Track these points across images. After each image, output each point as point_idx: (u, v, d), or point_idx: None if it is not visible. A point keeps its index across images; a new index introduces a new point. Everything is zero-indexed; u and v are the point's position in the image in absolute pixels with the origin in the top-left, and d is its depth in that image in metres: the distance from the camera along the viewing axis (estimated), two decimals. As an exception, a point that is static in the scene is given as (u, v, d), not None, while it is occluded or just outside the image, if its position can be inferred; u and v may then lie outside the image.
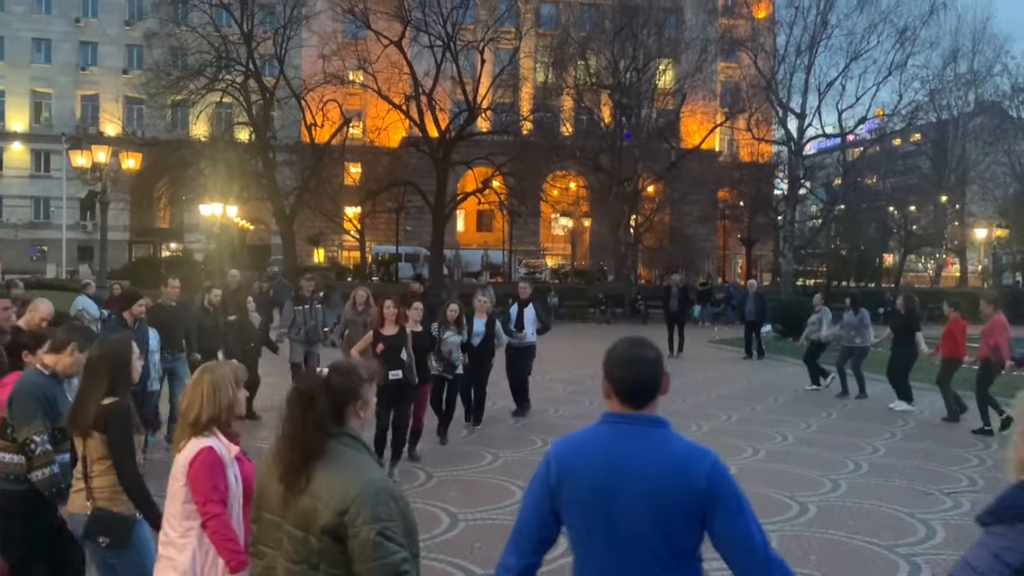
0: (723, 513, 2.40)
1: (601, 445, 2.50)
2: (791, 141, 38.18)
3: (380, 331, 8.79)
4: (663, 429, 2.51)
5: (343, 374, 2.70)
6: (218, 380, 3.43)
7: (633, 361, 2.54)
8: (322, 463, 2.54)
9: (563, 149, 41.16)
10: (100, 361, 3.93)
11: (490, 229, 56.23)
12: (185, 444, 3.39)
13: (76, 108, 55.72)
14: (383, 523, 2.44)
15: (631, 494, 2.40)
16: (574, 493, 2.48)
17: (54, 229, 51.68)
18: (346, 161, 45.02)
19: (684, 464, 2.43)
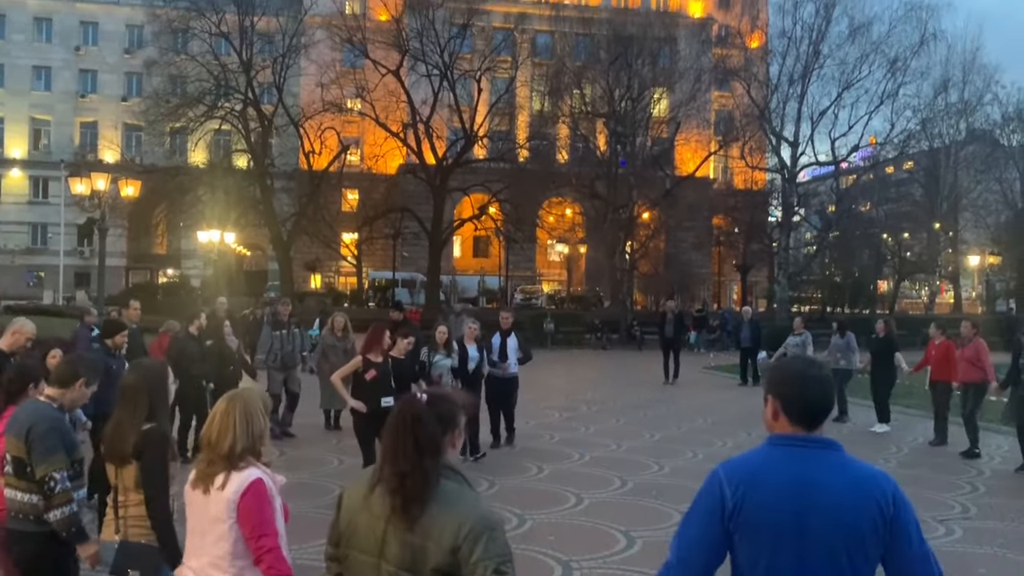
0: (907, 536, 2.34)
1: (784, 468, 2.38)
2: (785, 169, 38.56)
3: (369, 357, 8.59)
4: (840, 453, 2.43)
5: (446, 401, 2.57)
6: (251, 408, 3.20)
7: (810, 380, 2.45)
8: (435, 497, 2.40)
9: (559, 176, 41.55)
10: (139, 387, 3.79)
11: (486, 255, 56.42)
12: (224, 478, 3.11)
13: (75, 135, 56.06)
14: (500, 559, 2.35)
15: (824, 522, 2.31)
16: (758, 517, 2.35)
17: (51, 255, 51.79)
18: (344, 188, 45.33)
19: (872, 487, 2.36)
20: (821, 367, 2.54)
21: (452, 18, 41.09)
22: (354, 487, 2.58)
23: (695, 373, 22.71)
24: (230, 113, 39.59)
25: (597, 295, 48.99)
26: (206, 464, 3.15)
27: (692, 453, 11.54)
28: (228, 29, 38.61)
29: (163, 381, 3.92)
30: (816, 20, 37.25)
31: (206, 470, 3.14)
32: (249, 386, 3.51)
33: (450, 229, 42.84)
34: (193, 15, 38.06)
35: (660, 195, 40.54)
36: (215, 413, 3.22)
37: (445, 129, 43.05)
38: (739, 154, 40.98)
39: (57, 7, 56.45)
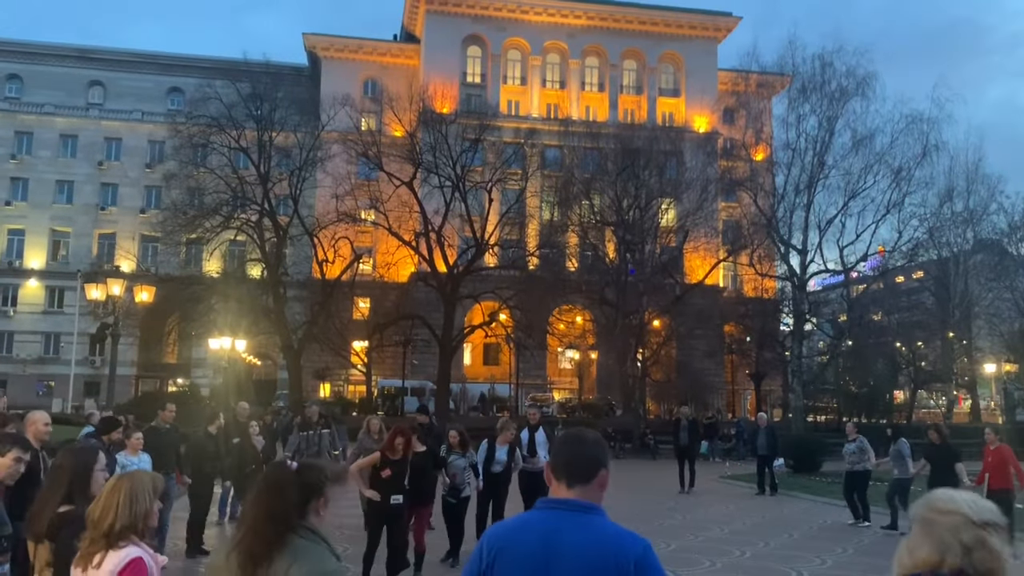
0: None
1: (535, 528, 2.55)
2: (794, 277, 38.66)
3: (388, 455, 8.91)
4: (597, 515, 2.56)
5: (313, 470, 2.81)
6: (136, 488, 3.28)
7: (572, 440, 2.68)
8: (282, 554, 2.62)
9: (569, 283, 41.79)
10: (62, 468, 3.91)
11: (497, 363, 56.17)
12: (102, 557, 3.18)
13: (93, 246, 57.16)
14: None
15: (563, 574, 2.45)
16: (507, 573, 2.52)
17: (62, 364, 51.86)
18: (355, 296, 45.66)
19: (616, 548, 2.48)
20: (587, 433, 2.73)
21: (464, 133, 42.37)
22: (217, 551, 2.86)
23: (711, 482, 22.13)
24: (246, 224, 40.36)
25: (609, 403, 48.41)
26: (88, 543, 3.24)
27: (710, 562, 11.09)
28: (247, 143, 39.85)
29: (87, 465, 3.91)
30: (819, 132, 38.12)
31: (88, 548, 3.22)
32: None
33: (460, 336, 42.82)
34: (214, 130, 39.36)
35: (670, 302, 40.65)
36: (102, 492, 3.33)
37: (456, 238, 43.71)
38: (748, 261, 41.23)
39: (83, 124, 58.65)
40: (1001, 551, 2.25)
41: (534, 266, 44.15)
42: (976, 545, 2.22)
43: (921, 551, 2.26)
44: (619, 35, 62.19)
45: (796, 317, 39.03)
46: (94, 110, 59.59)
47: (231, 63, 50.28)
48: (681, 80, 63.07)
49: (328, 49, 61.12)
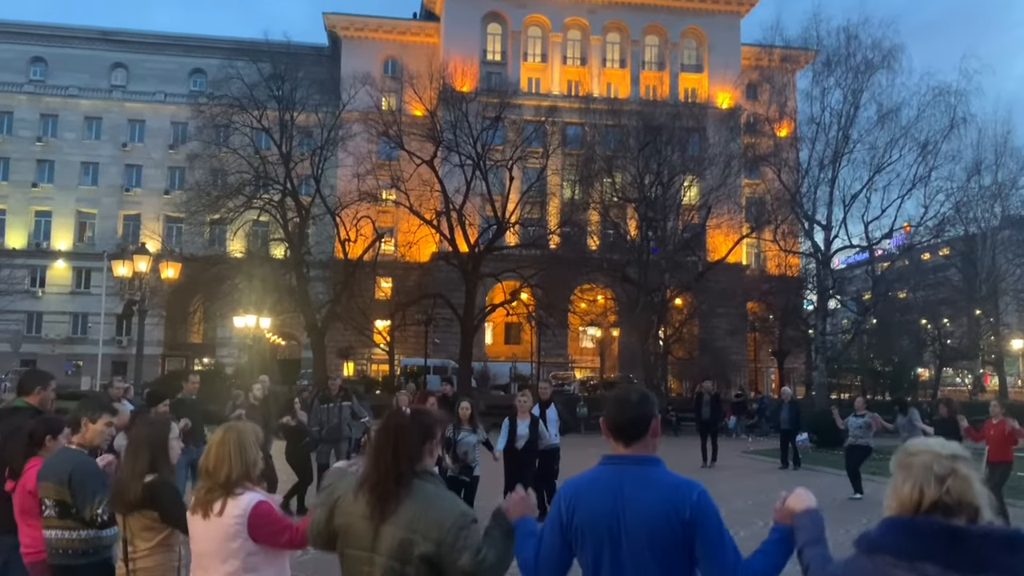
0: (703, 540, 2.72)
1: (603, 483, 2.84)
2: (818, 253, 38.30)
3: None
4: (656, 467, 2.85)
5: (425, 414, 3.02)
6: (244, 439, 3.49)
7: (620, 403, 2.93)
8: (411, 496, 2.77)
9: (590, 261, 41.66)
10: (141, 440, 4.06)
11: (518, 342, 56.31)
12: (222, 504, 3.37)
13: (119, 227, 57.78)
14: (478, 546, 2.73)
15: (631, 526, 2.73)
16: (583, 526, 2.81)
17: (90, 344, 52.61)
18: (377, 275, 45.86)
19: (674, 497, 2.76)
20: (634, 392, 2.98)
21: (484, 111, 42.23)
22: (347, 493, 2.92)
23: (734, 457, 22.11)
24: (269, 204, 40.59)
25: (630, 381, 48.39)
26: (205, 492, 3.44)
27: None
28: (269, 124, 39.98)
29: (163, 435, 4.08)
30: (844, 106, 37.59)
31: (204, 497, 3.42)
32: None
33: (482, 315, 42.92)
34: (235, 110, 39.50)
35: (692, 279, 40.41)
36: (211, 444, 3.52)
37: (477, 217, 43.71)
38: (772, 237, 40.87)
39: (107, 106, 59.11)
40: (972, 476, 2.49)
41: (555, 245, 44.07)
42: (948, 474, 2.45)
43: (903, 490, 2.50)
44: (641, 10, 61.55)
45: (820, 293, 38.67)
46: (117, 92, 60.01)
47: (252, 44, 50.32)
48: (704, 55, 62.38)
49: (348, 28, 61.04)
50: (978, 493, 2.47)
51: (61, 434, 4.69)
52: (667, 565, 2.73)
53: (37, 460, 4.61)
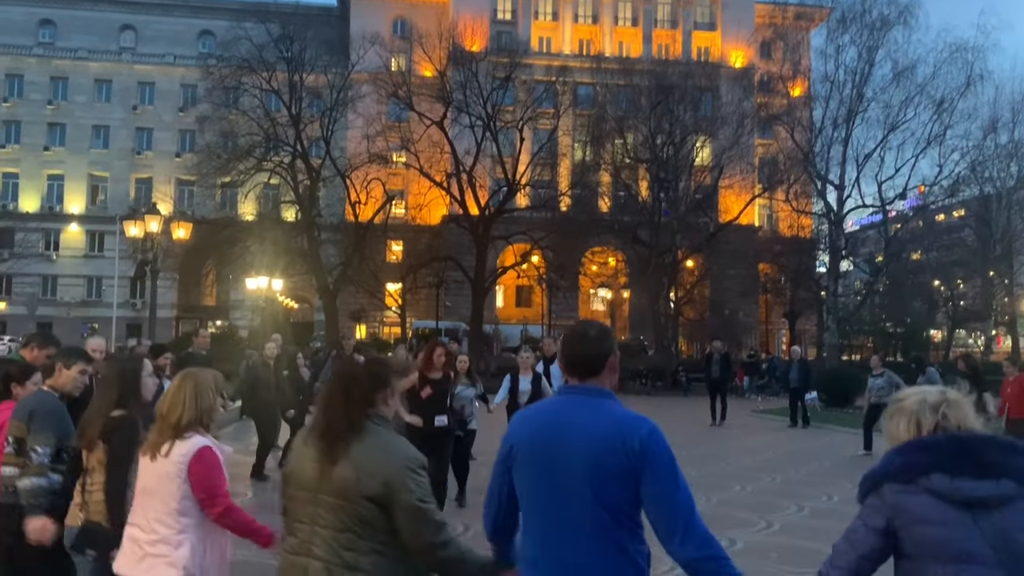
0: (652, 475, 2.50)
1: (548, 414, 2.72)
2: (831, 213, 38.05)
3: (427, 375, 8.45)
4: (608, 399, 2.67)
5: (379, 364, 3.01)
6: (200, 385, 3.54)
7: (577, 338, 2.77)
8: (361, 439, 2.77)
9: (601, 223, 41.54)
10: (111, 377, 4.07)
11: (529, 304, 56.40)
12: (170, 446, 3.44)
13: (131, 190, 57.92)
14: (421, 492, 2.73)
15: (572, 458, 2.55)
16: (521, 458, 2.69)
17: (104, 307, 53.09)
18: (388, 238, 45.92)
19: (622, 428, 2.57)
20: (591, 327, 2.84)
21: (494, 71, 41.86)
22: (298, 440, 2.97)
23: (743, 417, 22.21)
24: (279, 166, 40.58)
25: (641, 343, 48.49)
26: (157, 434, 3.51)
27: (740, 487, 11.23)
28: (278, 85, 39.81)
29: (135, 372, 4.05)
30: (859, 64, 37.04)
31: (156, 439, 3.49)
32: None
33: (493, 277, 42.99)
34: (245, 72, 39.34)
35: (703, 240, 40.25)
36: (169, 389, 3.59)
37: (488, 178, 43.54)
38: (784, 198, 40.60)
39: (117, 68, 58.92)
40: (965, 402, 2.52)
41: (566, 207, 43.92)
42: (941, 402, 2.48)
43: (899, 429, 2.51)
44: (653, -33, 60.57)
45: (832, 254, 38.45)
46: (127, 54, 59.78)
47: (261, 5, 50.00)
48: (717, 13, 61.42)
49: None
50: (975, 418, 2.47)
51: (29, 380, 4.74)
52: (606, 499, 2.51)
53: (8, 404, 4.68)
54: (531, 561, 2.64)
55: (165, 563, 3.39)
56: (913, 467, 2.37)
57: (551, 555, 2.58)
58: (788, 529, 8.72)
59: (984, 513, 2.30)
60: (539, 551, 2.61)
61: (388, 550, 2.72)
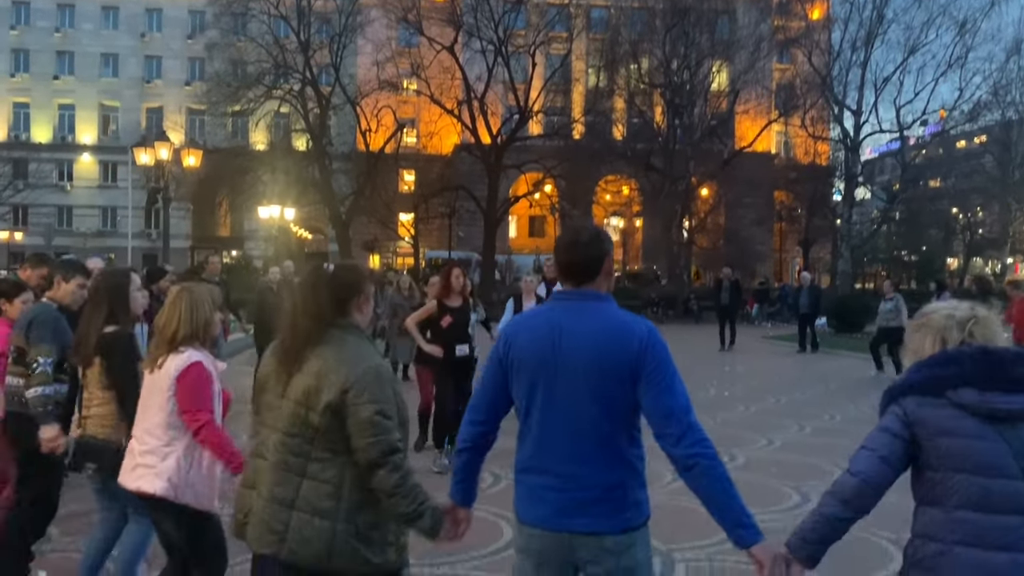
0: (651, 375, 2.50)
1: (545, 317, 2.69)
2: (847, 139, 37.47)
3: (445, 302, 8.06)
4: (605, 303, 2.64)
5: (348, 269, 2.92)
6: (196, 299, 3.57)
7: (570, 243, 2.72)
8: (325, 347, 2.69)
9: (614, 150, 41.11)
10: (99, 291, 4.06)
11: (542, 235, 56.30)
12: (164, 359, 3.51)
13: (142, 120, 57.65)
14: (381, 404, 2.62)
15: (571, 362, 2.54)
16: (518, 362, 2.64)
17: (120, 237, 53.43)
18: (400, 167, 45.69)
19: (620, 329, 2.57)
20: (584, 231, 2.79)
21: (506, -7, 40.92)
22: (268, 350, 2.93)
23: (753, 342, 22.33)
24: (288, 94, 40.23)
25: (655, 273, 48.48)
26: (155, 347, 3.58)
27: (744, 407, 11.39)
28: (286, 11, 39.17)
29: (123, 286, 4.04)
30: (880, -17, 35.98)
31: (154, 352, 3.57)
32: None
33: (505, 207, 42.84)
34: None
35: (718, 167, 39.81)
36: (166, 304, 3.64)
37: (500, 106, 42.97)
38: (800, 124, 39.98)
39: (123, -5, 58.03)
40: (993, 318, 2.48)
41: (579, 135, 43.41)
42: (969, 318, 2.44)
43: (923, 345, 2.46)
44: None
45: (847, 181, 38.02)
46: (133, -21, 58.74)
47: (266, -74, 48.77)
48: (735, -68, 59.39)
49: (364, -92, 58.74)
50: (1002, 335, 2.43)
51: (18, 298, 4.81)
52: (605, 400, 2.53)
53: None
54: (528, 468, 2.63)
55: (152, 473, 3.45)
56: (940, 380, 2.34)
57: (549, 461, 2.57)
58: (789, 446, 8.87)
59: (1011, 427, 2.29)
60: (536, 457, 2.60)
61: (338, 460, 2.63)
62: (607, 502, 2.51)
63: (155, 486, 3.44)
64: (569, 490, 2.53)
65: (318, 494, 2.61)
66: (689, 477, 2.49)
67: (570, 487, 2.53)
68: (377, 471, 2.59)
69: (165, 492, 3.43)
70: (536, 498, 2.59)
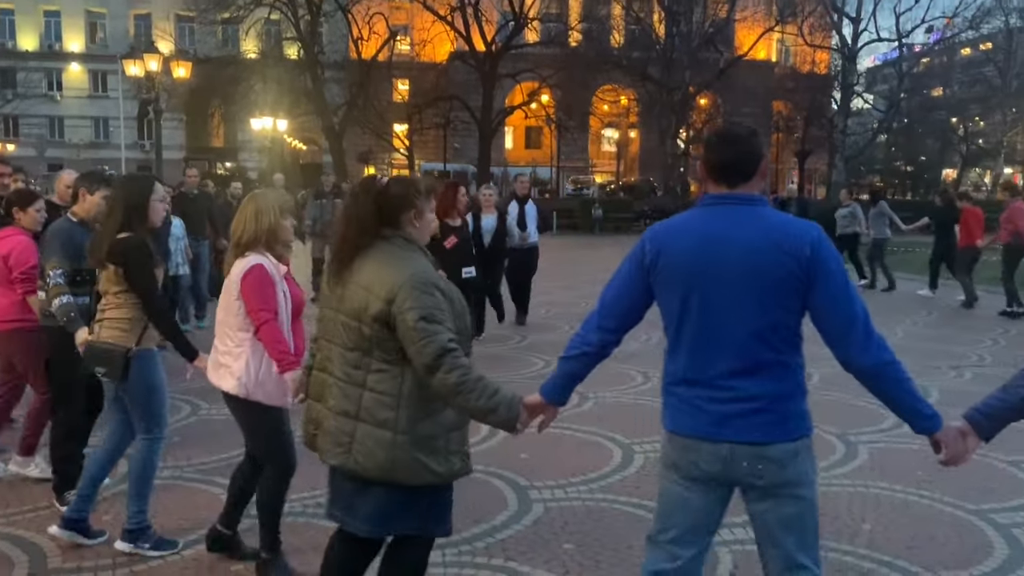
0: (826, 282, 2.35)
1: (697, 224, 2.49)
2: (845, 47, 36.93)
3: (447, 222, 7.62)
4: (762, 206, 2.47)
5: (401, 183, 2.89)
6: (261, 206, 3.64)
7: (726, 138, 2.55)
8: (373, 259, 2.74)
9: (611, 60, 40.50)
10: (117, 199, 4.02)
11: (538, 146, 55.95)
12: (231, 263, 3.66)
13: (130, 27, 56.44)
14: (426, 309, 2.60)
15: (729, 269, 2.38)
16: (669, 270, 2.47)
17: (113, 148, 53.10)
18: (393, 76, 45.03)
19: (788, 234, 2.38)
20: (741, 128, 2.61)
21: None
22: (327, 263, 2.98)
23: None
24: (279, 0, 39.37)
25: (651, 184, 48.42)
26: (230, 254, 3.69)
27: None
28: (273, -90, 37.97)
29: (141, 193, 4.01)
30: None
31: (229, 259, 3.68)
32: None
33: (500, 117, 42.45)
34: None
35: (714, 76, 39.31)
36: (239, 211, 3.71)
37: (495, 12, 42.11)
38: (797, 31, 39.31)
39: None
40: None
41: (576, 43, 42.66)
42: None
43: None
44: None
45: (844, 91, 37.68)
46: None
47: None
48: None
49: None
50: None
51: (31, 206, 4.88)
52: (769, 309, 2.37)
53: (10, 230, 4.88)
54: (683, 380, 2.49)
55: (227, 372, 3.61)
56: None
57: (708, 372, 2.44)
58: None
59: None
60: (693, 369, 2.47)
61: (394, 370, 2.68)
62: (771, 412, 2.40)
63: (229, 384, 3.60)
64: (731, 401, 2.40)
65: (379, 405, 2.67)
66: (875, 383, 2.41)
67: (732, 398, 2.40)
68: (435, 374, 2.58)
69: (237, 390, 3.57)
70: (695, 409, 2.45)
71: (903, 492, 4.90)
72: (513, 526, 4.37)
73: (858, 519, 4.49)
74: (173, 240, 9.14)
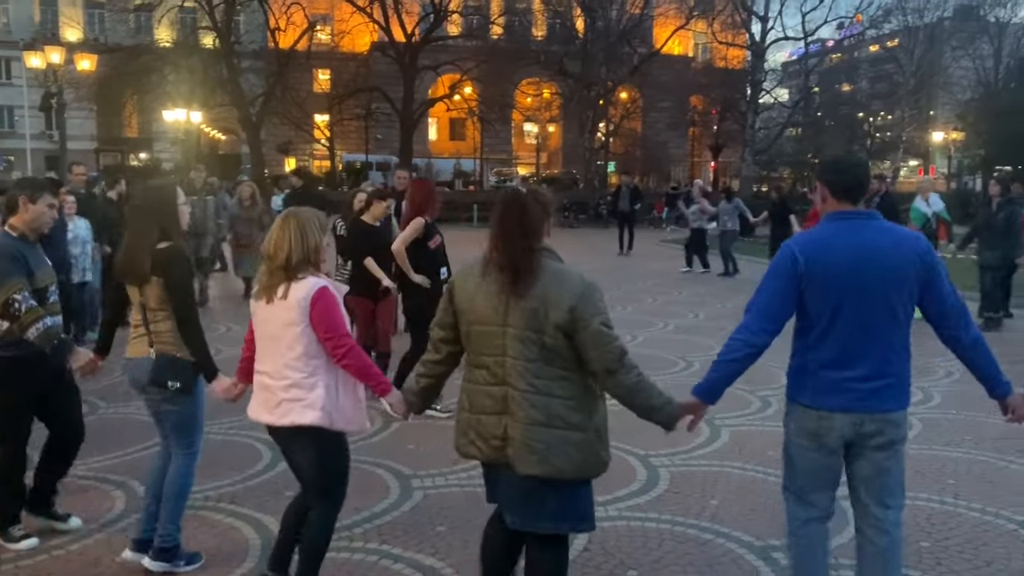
0: (940, 280, 3.01)
1: (844, 236, 3.01)
2: (754, 45, 38.24)
3: (428, 219, 7.17)
4: (881, 220, 3.08)
5: (541, 194, 3.05)
6: (304, 223, 3.40)
7: (850, 166, 3.12)
8: (540, 271, 2.85)
9: (529, 53, 40.94)
10: (146, 207, 3.83)
11: (463, 138, 56.14)
12: (285, 288, 3.34)
13: (35, 13, 54.30)
14: (604, 314, 2.85)
15: (877, 270, 2.95)
16: (825, 278, 2.97)
17: (19, 138, 51.15)
18: (313, 67, 44.55)
19: (909, 243, 3.02)
20: (855, 156, 3.28)
21: None
22: (464, 276, 3.02)
23: (652, 246, 23.36)
24: (192, -13, 38.52)
25: (573, 177, 49.13)
26: (268, 276, 3.40)
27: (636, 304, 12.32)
28: None
29: (171, 200, 3.87)
30: None
31: (268, 282, 3.39)
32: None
33: (422, 109, 42.48)
34: None
35: (628, 72, 40.15)
36: (273, 229, 3.45)
37: (415, 4, 42.08)
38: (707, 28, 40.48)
39: None
40: None
41: (497, 36, 42.95)
42: None
43: None
44: None
45: (752, 87, 39.00)
46: None
47: None
48: None
49: None
50: None
51: None
52: (897, 306, 2.98)
53: None
54: (832, 364, 3.02)
55: (301, 406, 3.33)
56: None
57: (854, 359, 2.99)
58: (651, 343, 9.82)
59: None
60: (842, 357, 3.00)
61: (574, 375, 2.84)
62: (896, 387, 3.03)
63: (309, 417, 3.33)
64: (872, 379, 2.99)
65: (569, 410, 2.84)
66: (974, 352, 3.06)
67: (872, 377, 2.99)
68: (616, 375, 2.81)
69: (321, 421, 3.33)
70: (842, 388, 3.01)
71: (753, 471, 5.41)
72: (392, 512, 4.63)
73: (708, 495, 4.97)
74: (79, 244, 8.71)
